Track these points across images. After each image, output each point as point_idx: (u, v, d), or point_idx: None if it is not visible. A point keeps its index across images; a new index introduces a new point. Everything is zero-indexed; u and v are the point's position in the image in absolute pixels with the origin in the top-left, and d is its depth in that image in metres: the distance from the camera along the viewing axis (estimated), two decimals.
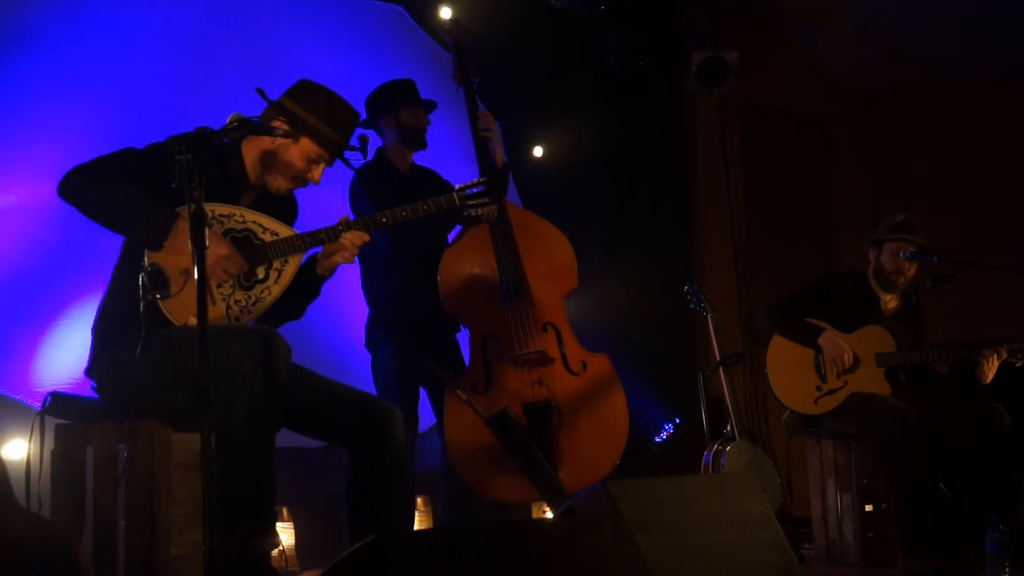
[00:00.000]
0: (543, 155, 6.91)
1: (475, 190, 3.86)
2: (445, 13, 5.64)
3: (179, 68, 5.56)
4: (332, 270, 3.78)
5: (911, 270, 5.16)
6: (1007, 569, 4.48)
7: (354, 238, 3.66)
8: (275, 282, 3.61)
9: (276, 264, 3.60)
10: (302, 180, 3.72)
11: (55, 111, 5.01)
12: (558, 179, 6.83)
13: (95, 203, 3.43)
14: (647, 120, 7.45)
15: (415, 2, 6.39)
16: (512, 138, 6.15)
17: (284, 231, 3.62)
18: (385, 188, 4.90)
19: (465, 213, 4.13)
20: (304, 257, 3.70)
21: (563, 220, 5.15)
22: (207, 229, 3.23)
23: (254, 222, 3.57)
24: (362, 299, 5.05)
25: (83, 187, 3.40)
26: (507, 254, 4.84)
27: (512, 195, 5.35)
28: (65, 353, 3.68)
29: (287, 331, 3.56)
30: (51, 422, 3.49)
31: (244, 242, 3.56)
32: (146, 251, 3.43)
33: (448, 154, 5.38)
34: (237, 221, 3.57)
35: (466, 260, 4.87)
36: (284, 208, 3.83)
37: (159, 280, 3.40)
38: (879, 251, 5.21)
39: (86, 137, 3.71)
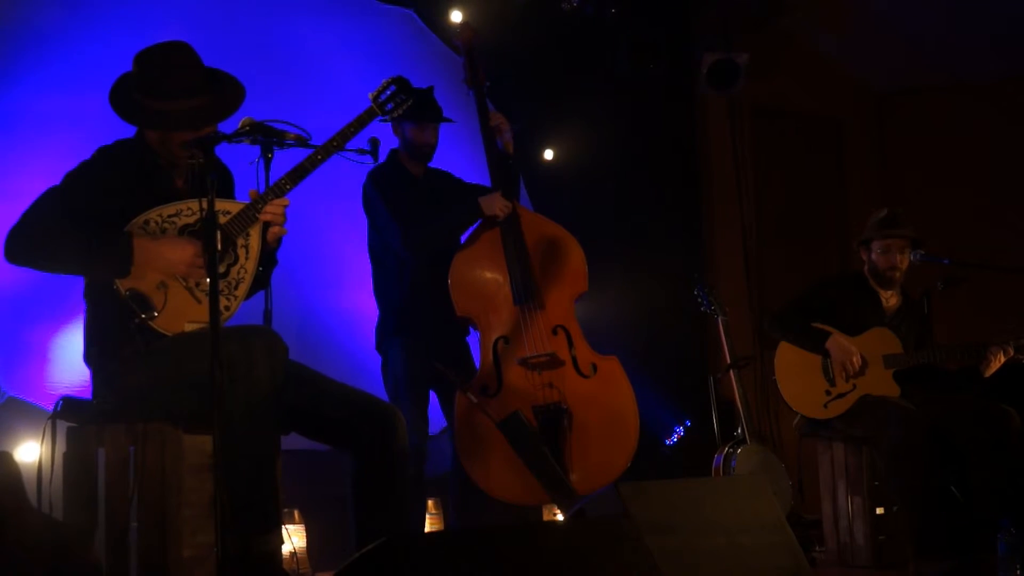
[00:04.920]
0: (554, 158, 6.91)
1: (388, 92, 3.83)
2: (455, 16, 5.65)
3: None
4: (277, 240, 3.69)
5: (903, 262, 5.17)
6: (1018, 571, 4.47)
7: (274, 208, 3.57)
8: (247, 258, 3.58)
9: (240, 241, 3.57)
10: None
11: (70, 109, 5.03)
12: (569, 182, 6.83)
13: (47, 260, 3.44)
14: (658, 122, 7.44)
15: (425, 5, 6.40)
16: (523, 141, 6.15)
17: (234, 207, 3.56)
18: (399, 191, 4.91)
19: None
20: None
21: (574, 223, 5.16)
22: (162, 237, 3.27)
23: (203, 209, 3.44)
24: (374, 301, 5.06)
25: (29, 248, 3.39)
26: (518, 257, 4.84)
27: (523, 198, 5.35)
28: (78, 356, 3.68)
29: (299, 331, 3.55)
30: (62, 425, 3.50)
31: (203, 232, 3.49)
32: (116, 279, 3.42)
33: (459, 157, 5.37)
34: (187, 215, 3.53)
35: (477, 263, 4.88)
36: (219, 183, 3.72)
37: (143, 302, 3.42)
38: (869, 250, 5.23)
39: (99, 135, 3.72)
